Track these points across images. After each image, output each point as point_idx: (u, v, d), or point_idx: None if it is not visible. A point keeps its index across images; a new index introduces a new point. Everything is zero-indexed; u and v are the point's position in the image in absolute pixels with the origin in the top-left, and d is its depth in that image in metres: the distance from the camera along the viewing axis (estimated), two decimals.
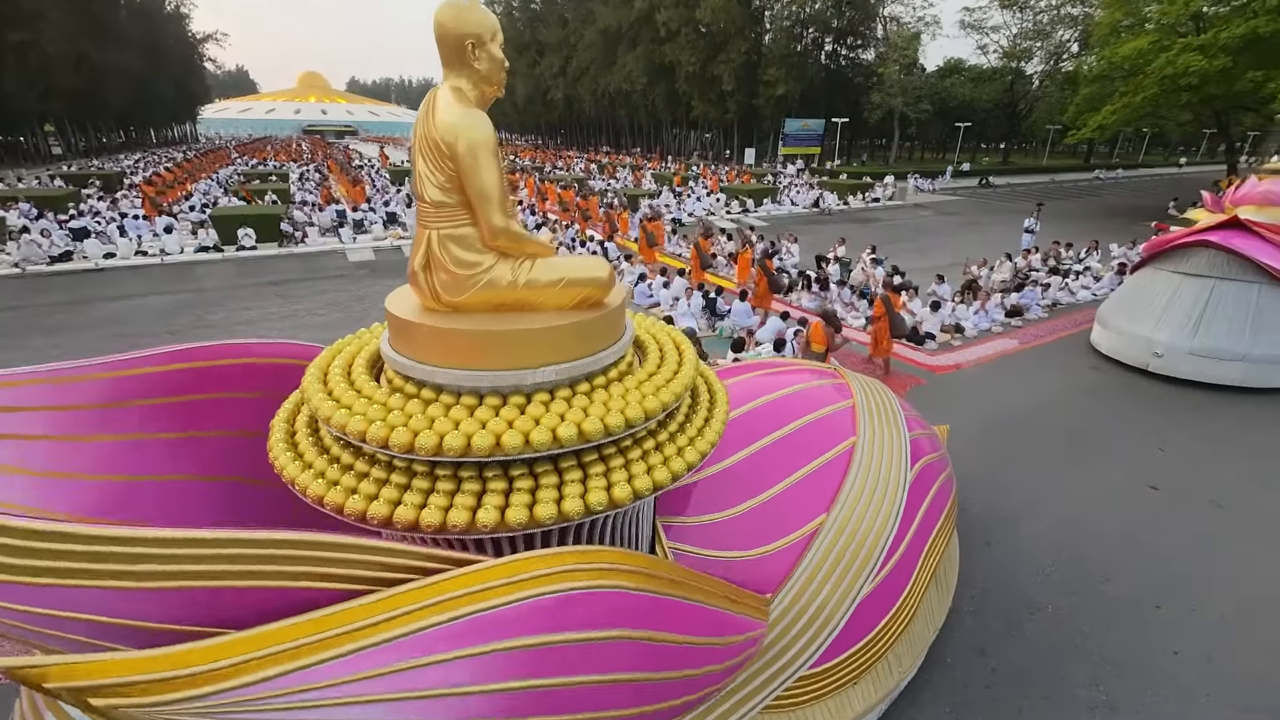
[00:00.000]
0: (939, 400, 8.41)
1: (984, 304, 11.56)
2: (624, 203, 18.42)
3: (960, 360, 9.94)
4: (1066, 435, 7.47)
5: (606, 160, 46.52)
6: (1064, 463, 6.84)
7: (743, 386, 4.07)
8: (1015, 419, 7.89)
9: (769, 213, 25.75)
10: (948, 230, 23.19)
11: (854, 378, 4.59)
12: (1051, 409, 8.21)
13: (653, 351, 2.92)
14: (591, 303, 2.52)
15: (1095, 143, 64.97)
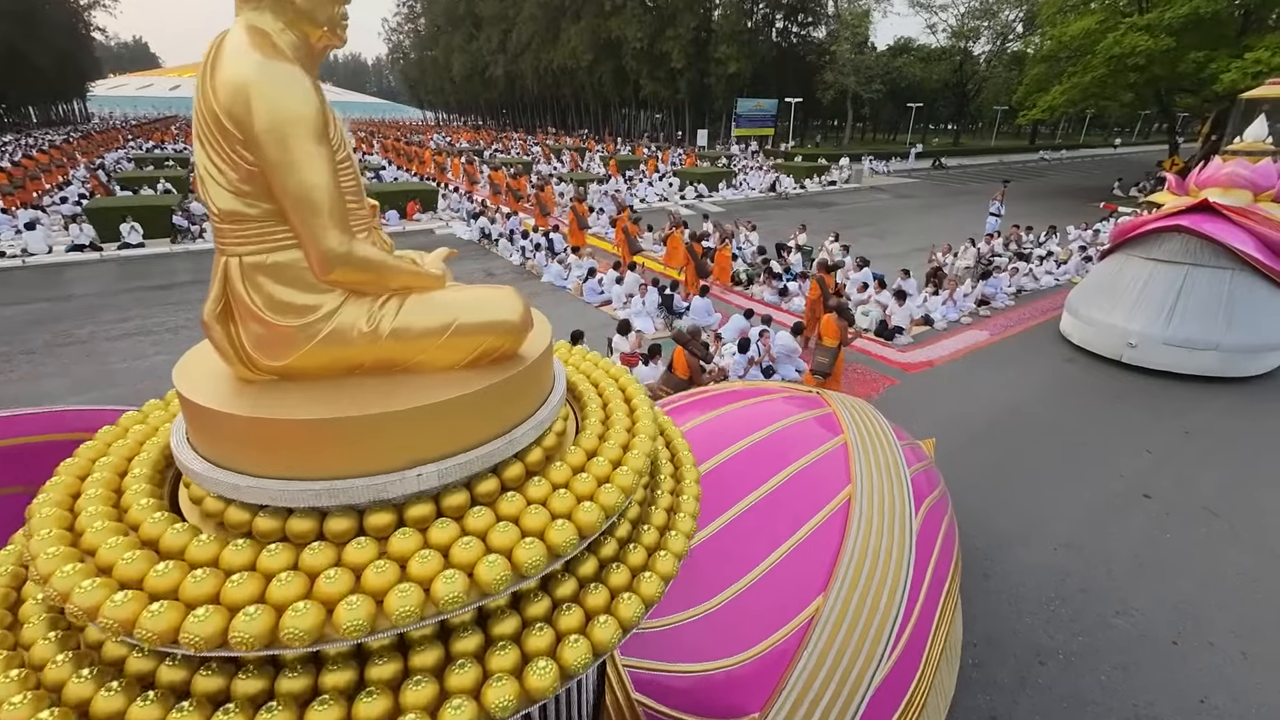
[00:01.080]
0: (915, 403, 8.03)
1: (952, 293, 11.33)
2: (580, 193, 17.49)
3: (932, 356, 9.63)
4: (1051, 438, 7.19)
5: (553, 143, 45.11)
6: (1053, 471, 6.52)
7: (710, 427, 3.39)
8: (996, 421, 7.57)
9: (725, 198, 25.28)
10: (908, 214, 23.28)
11: (838, 401, 3.98)
12: (1031, 408, 7.95)
13: (591, 406, 2.17)
14: (497, 356, 1.75)
15: (1039, 124, 67.82)
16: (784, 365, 8.58)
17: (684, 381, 6.52)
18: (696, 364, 6.49)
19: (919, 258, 14.92)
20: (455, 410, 1.58)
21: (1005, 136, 72.43)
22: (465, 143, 44.14)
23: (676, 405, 3.76)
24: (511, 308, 1.73)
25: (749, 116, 47.89)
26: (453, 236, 17.46)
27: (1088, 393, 8.44)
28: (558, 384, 2.01)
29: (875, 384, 8.52)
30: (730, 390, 3.96)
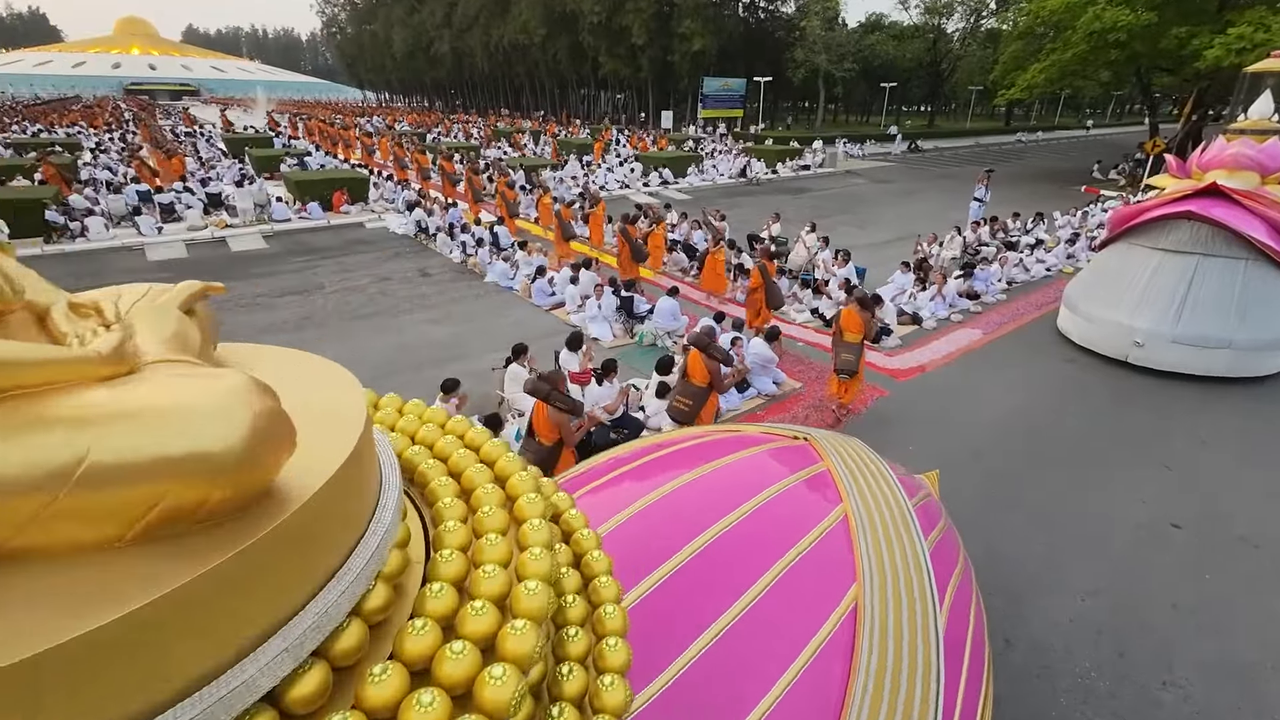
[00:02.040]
0: (908, 417, 7.46)
1: (941, 287, 10.86)
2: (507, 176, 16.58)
3: (923, 360, 9.11)
4: (1059, 454, 6.70)
5: (504, 125, 43.80)
6: (1066, 496, 6.00)
7: (666, 506, 2.63)
8: (998, 436, 7.06)
9: (691, 184, 24.64)
10: (887, 200, 23.04)
11: (831, 450, 3.26)
12: (1035, 418, 7.47)
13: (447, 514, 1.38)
14: (196, 515, 0.94)
15: (1014, 105, 69.31)
16: (759, 378, 7.92)
17: (703, 390, 5.82)
18: (716, 367, 5.77)
19: (903, 248, 14.52)
20: (108, 648, 0.77)
21: (980, 118, 73.89)
22: (406, 125, 42.45)
23: (625, 471, 2.99)
24: (225, 422, 0.91)
25: (716, 97, 47.47)
26: (385, 231, 16.36)
27: (1093, 398, 8.03)
28: (385, 497, 1.22)
29: (863, 395, 7.93)
30: (693, 442, 3.21)
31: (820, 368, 8.74)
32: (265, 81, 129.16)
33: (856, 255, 14.26)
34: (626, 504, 2.59)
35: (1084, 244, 14.86)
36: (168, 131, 32.58)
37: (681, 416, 5.80)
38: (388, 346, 9.31)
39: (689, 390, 5.86)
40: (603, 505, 2.63)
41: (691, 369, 5.88)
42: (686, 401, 5.77)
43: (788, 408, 7.63)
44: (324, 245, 14.97)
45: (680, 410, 5.80)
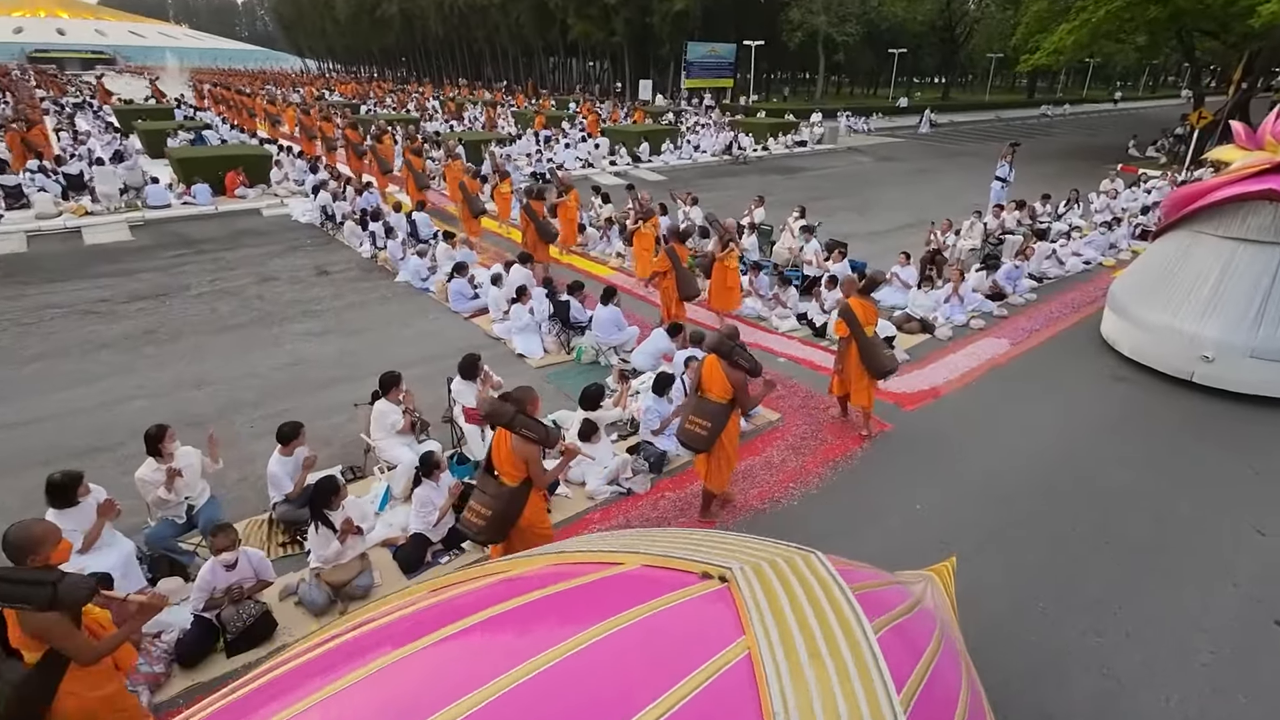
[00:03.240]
0: (916, 461, 6.33)
1: (958, 286, 9.77)
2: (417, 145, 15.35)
3: (936, 380, 8.00)
4: (1116, 516, 5.60)
5: (456, 95, 42.47)
6: (1131, 581, 4.89)
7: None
8: (1034, 489, 5.95)
9: (666, 162, 23.54)
10: (893, 181, 22.11)
11: (759, 610, 2.02)
12: (1080, 461, 6.37)
13: None
14: None
15: (1038, 76, 69.19)
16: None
17: (724, 407, 4.96)
18: (742, 379, 4.90)
19: (910, 238, 13.45)
20: None
21: (1000, 90, 73.73)
22: (339, 95, 40.97)
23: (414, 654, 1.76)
24: None
25: (702, 64, 46.54)
26: (287, 219, 15.03)
27: (1153, 431, 6.96)
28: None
29: (860, 435, 6.79)
30: (525, 594, 1.96)
31: (806, 392, 7.60)
32: (197, 49, 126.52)
33: (855, 245, 13.15)
34: None
35: (1126, 231, 13.91)
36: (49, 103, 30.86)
37: (697, 443, 5.02)
38: (248, 367, 8.05)
39: (707, 408, 5.00)
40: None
41: (708, 381, 5.04)
42: (703, 423, 4.97)
43: (759, 448, 6.46)
44: (205, 236, 13.62)
45: (695, 435, 5.00)
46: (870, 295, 6.44)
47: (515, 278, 9.65)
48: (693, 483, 5.96)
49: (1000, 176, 16.74)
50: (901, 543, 5.22)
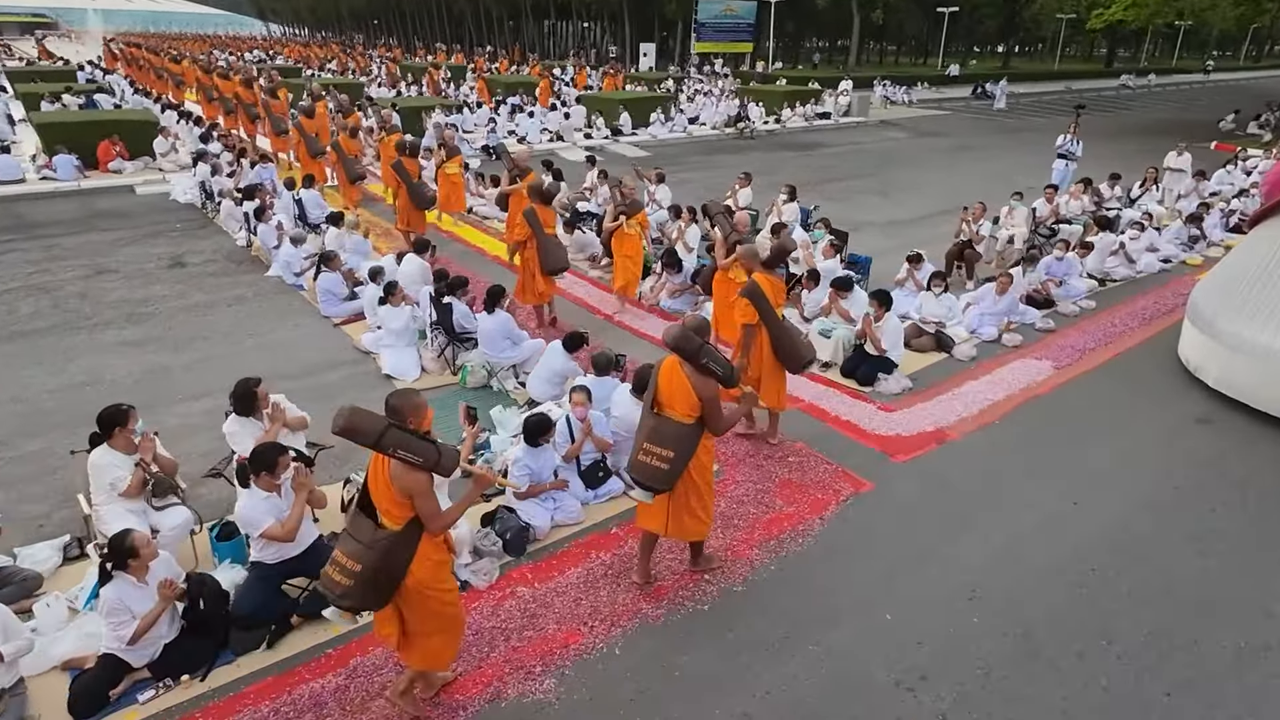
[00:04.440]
0: (899, 544, 5.05)
1: (1004, 289, 8.42)
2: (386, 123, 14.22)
3: (943, 420, 6.69)
4: (1190, 631, 4.26)
5: (433, 59, 41.76)
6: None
7: None
8: (1072, 595, 4.63)
9: (653, 136, 22.48)
10: (930, 159, 20.99)
11: None
12: (1140, 548, 5.06)
13: None
14: None
15: (1118, 44, 67.58)
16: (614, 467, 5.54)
17: (689, 431, 4.15)
18: (713, 392, 4.11)
19: (941, 227, 12.16)
20: None
21: (1073, 59, 72.23)
22: (284, 59, 40.42)
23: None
24: None
25: (716, 26, 45.67)
26: (165, 198, 14.05)
27: (1247, 499, 5.62)
28: None
29: (823, 496, 5.52)
30: None
31: (759, 436, 6.32)
32: (154, 12, 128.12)
33: (868, 235, 12.07)
34: None
35: (1218, 220, 12.51)
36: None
37: (656, 479, 4.15)
38: (17, 388, 6.98)
39: (667, 432, 4.15)
40: None
41: (668, 393, 4.20)
42: (662, 452, 4.11)
43: None
44: (50, 218, 12.67)
45: (652, 470, 4.13)
46: (780, 269, 5.87)
47: (408, 271, 8.49)
48: (574, 567, 4.72)
49: (1064, 153, 15.44)
50: (844, 676, 3.92)
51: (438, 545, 3.47)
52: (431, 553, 3.44)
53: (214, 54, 43.11)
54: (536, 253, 8.05)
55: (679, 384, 4.15)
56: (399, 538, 3.31)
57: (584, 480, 5.45)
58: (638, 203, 9.23)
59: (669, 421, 4.18)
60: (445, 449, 3.29)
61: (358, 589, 3.29)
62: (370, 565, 3.26)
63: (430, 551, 3.43)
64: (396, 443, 3.15)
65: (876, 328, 7.19)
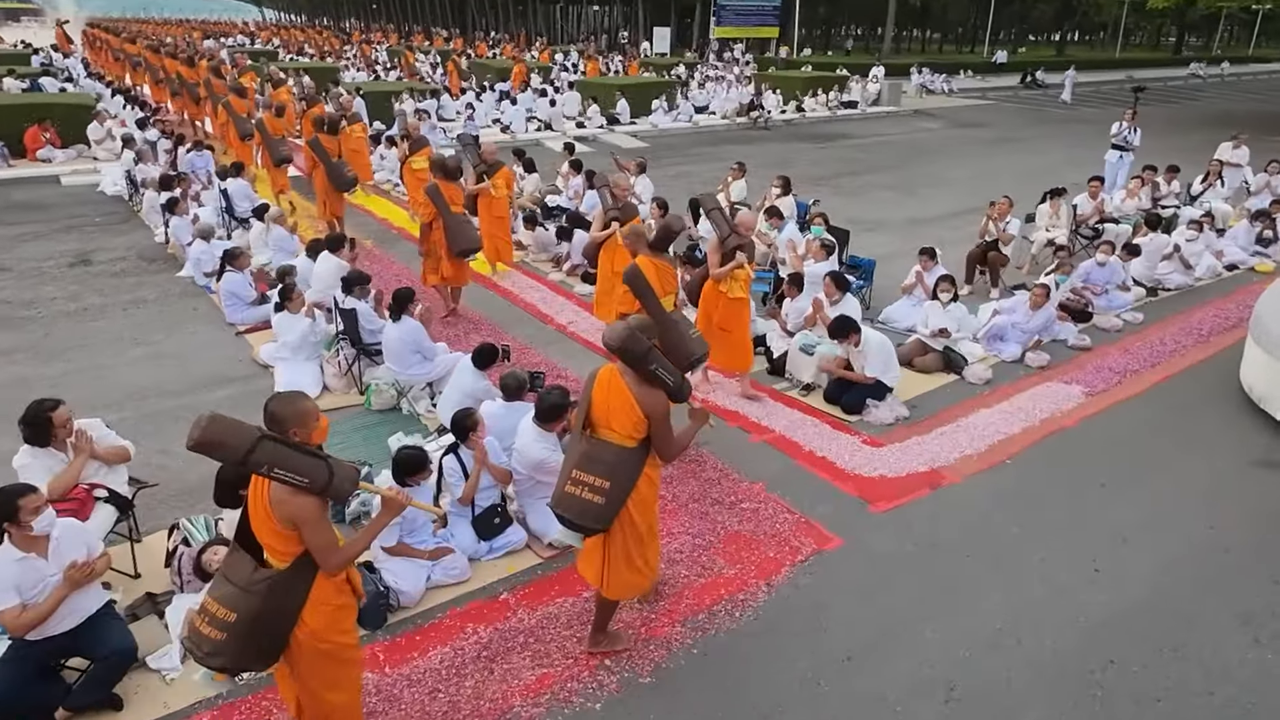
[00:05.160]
0: (867, 623, 4.30)
1: (1041, 301, 7.63)
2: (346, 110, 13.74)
3: (940, 457, 5.94)
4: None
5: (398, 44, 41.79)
6: None
7: None
8: (1089, 696, 3.85)
9: (654, 125, 21.99)
10: (965, 152, 20.38)
11: None
12: (1184, 629, 4.27)
13: None
14: None
15: (1187, 30, 66.28)
16: (529, 497, 4.88)
17: (632, 453, 3.68)
18: (662, 407, 3.67)
19: (969, 226, 11.38)
20: None
21: (1137, 48, 71.00)
22: (263, 42, 40.64)
23: None
24: None
25: (738, 8, 45.24)
26: (92, 189, 13.68)
27: None
28: None
29: (776, 555, 4.81)
30: None
31: (713, 475, 5.61)
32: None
33: (882, 235, 11.39)
34: None
35: None
36: None
37: (588, 516, 3.65)
38: None
39: (602, 458, 3.67)
40: None
41: (604, 408, 3.72)
42: (595, 482, 3.63)
43: (575, 583, 4.46)
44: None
45: (583, 504, 3.63)
46: (667, 252, 5.78)
47: (322, 272, 7.87)
48: (440, 646, 4.02)
49: (1119, 143, 14.64)
50: None
51: (339, 587, 3.11)
52: (330, 596, 3.07)
53: (191, 39, 43.76)
54: (444, 233, 7.87)
55: (619, 397, 3.66)
56: (285, 579, 2.96)
57: (477, 529, 4.76)
58: (633, 206, 8.22)
59: (605, 445, 3.69)
60: (340, 467, 2.89)
61: (232, 644, 2.93)
62: (248, 613, 2.91)
63: (328, 594, 3.06)
64: (273, 459, 2.76)
65: (857, 354, 6.45)
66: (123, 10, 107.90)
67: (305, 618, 2.98)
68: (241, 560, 2.98)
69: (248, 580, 2.92)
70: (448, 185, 7.98)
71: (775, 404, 6.73)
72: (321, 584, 3.01)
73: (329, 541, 2.94)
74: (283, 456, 2.77)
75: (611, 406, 3.67)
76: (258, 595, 2.89)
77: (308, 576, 2.98)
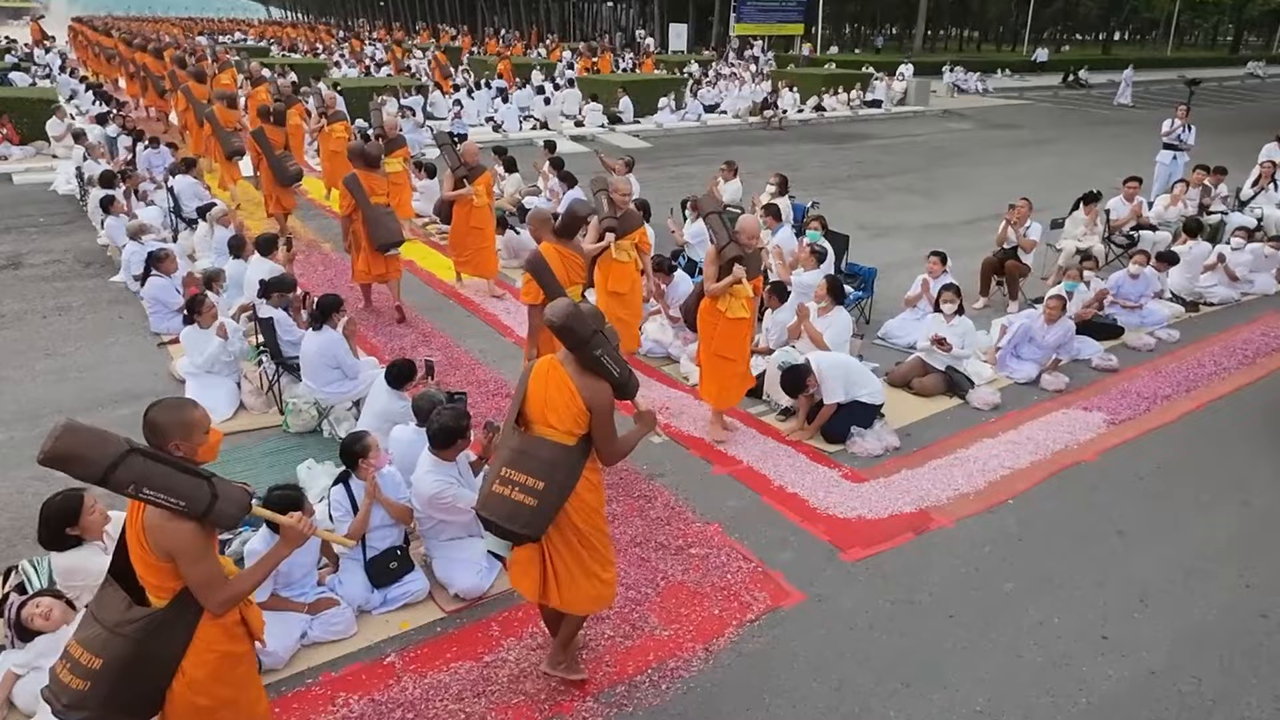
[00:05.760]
0: (823, 701, 3.76)
1: (1052, 317, 7.10)
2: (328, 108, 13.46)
3: (929, 495, 5.42)
4: None
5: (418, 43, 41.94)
6: None
7: None
8: None
9: (659, 125, 21.66)
10: (995, 154, 20.06)
11: None
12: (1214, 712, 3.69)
13: None
14: None
15: (1246, 27, 65.20)
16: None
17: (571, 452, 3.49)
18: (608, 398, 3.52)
19: (987, 234, 10.84)
20: None
21: (1190, 47, 70.06)
22: (254, 39, 41.10)
23: None
24: None
25: (759, 4, 44.91)
26: (43, 188, 13.51)
27: None
28: None
29: (723, 613, 4.33)
30: None
31: (663, 514, 5.12)
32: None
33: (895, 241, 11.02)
34: None
35: None
36: None
37: (518, 520, 3.41)
38: None
39: (538, 455, 3.48)
40: None
41: (540, 402, 3.54)
42: (528, 482, 3.43)
43: (494, 640, 3.98)
44: None
45: (513, 506, 3.41)
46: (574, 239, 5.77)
47: (255, 277, 7.46)
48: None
49: (1172, 142, 14.01)
50: None
51: (228, 630, 2.86)
52: (217, 641, 2.82)
53: (191, 37, 44.53)
54: (364, 225, 7.81)
55: (559, 388, 3.48)
56: (163, 620, 2.74)
57: (370, 575, 4.28)
58: (635, 214, 7.21)
59: (541, 442, 3.50)
60: (226, 488, 2.68)
61: (97, 695, 2.69)
62: (116, 660, 2.68)
63: (215, 639, 2.81)
64: (141, 478, 2.53)
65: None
66: (127, 8, 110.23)
67: (186, 667, 2.74)
68: (114, 597, 2.74)
69: (118, 620, 2.68)
70: (368, 175, 7.94)
71: (748, 429, 6.23)
72: (208, 626, 2.76)
73: (212, 575, 2.68)
74: (155, 474, 2.53)
75: (549, 398, 3.48)
76: (129, 639, 2.66)
77: (190, 618, 2.73)
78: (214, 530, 2.72)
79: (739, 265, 5.66)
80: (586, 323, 3.45)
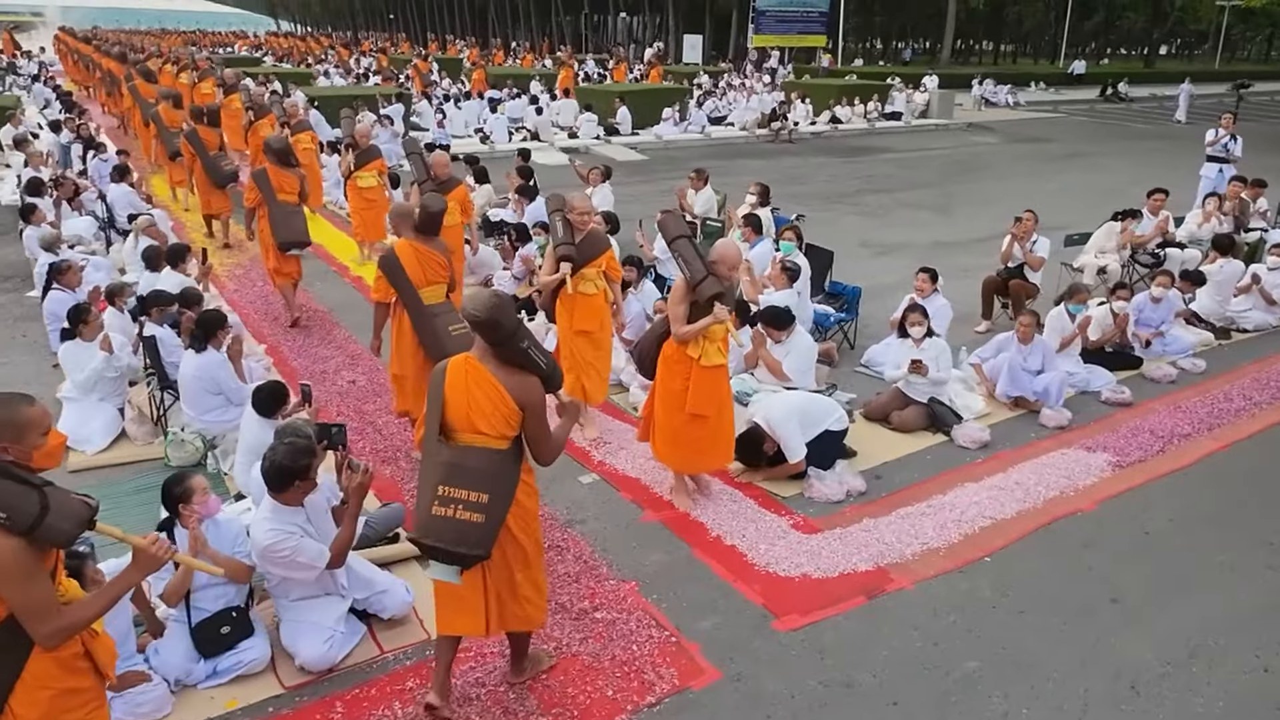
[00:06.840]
0: None
1: (1025, 336, 6.61)
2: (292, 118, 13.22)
3: (894, 550, 4.84)
4: None
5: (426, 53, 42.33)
6: None
7: None
8: None
9: (659, 136, 21.37)
10: (1020, 169, 19.76)
11: None
12: None
13: None
14: None
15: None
16: None
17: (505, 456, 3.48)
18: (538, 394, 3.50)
19: (993, 253, 10.29)
20: None
21: (1242, 61, 69.43)
22: (247, 51, 41.75)
23: None
24: None
25: (780, 15, 44.89)
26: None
27: None
28: None
29: (619, 694, 3.82)
30: None
31: (596, 567, 4.56)
32: (152, 11, 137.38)
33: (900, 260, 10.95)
34: None
35: None
36: None
37: (468, 540, 3.28)
38: None
39: (474, 466, 3.38)
40: None
41: (462, 407, 3.44)
42: (471, 497, 3.30)
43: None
44: None
45: (460, 527, 3.26)
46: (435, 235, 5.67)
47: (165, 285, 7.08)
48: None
49: (1216, 153, 13.43)
50: None
51: (67, 664, 2.63)
52: (53, 677, 2.60)
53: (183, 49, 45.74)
54: (269, 223, 8.00)
55: (484, 389, 3.40)
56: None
57: (196, 642, 3.74)
58: (599, 236, 6.31)
59: (471, 450, 3.40)
60: (61, 500, 2.46)
61: None
62: None
63: (50, 675, 2.59)
64: None
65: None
66: (137, 22, 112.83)
67: (15, 706, 2.56)
68: None
69: None
70: (277, 171, 8.07)
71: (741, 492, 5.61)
72: (40, 660, 2.54)
73: (39, 601, 2.45)
74: None
75: (474, 402, 3.40)
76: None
77: (19, 650, 2.52)
78: (44, 549, 2.46)
79: (720, 304, 4.82)
80: (510, 314, 3.39)
